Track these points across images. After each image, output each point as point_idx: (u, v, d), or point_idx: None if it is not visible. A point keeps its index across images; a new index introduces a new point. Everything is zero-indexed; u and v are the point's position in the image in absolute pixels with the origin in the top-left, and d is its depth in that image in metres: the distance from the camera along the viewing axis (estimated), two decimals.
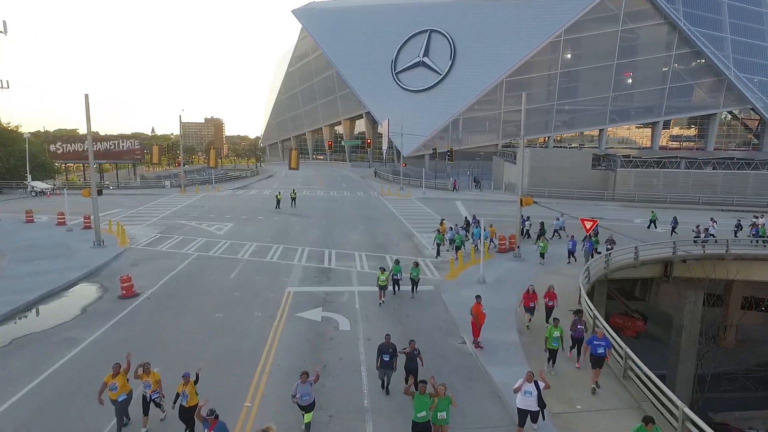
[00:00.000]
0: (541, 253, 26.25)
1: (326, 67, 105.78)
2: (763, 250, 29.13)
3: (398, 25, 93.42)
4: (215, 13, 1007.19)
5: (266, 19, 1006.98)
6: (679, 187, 52.40)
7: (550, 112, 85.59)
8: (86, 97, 28.00)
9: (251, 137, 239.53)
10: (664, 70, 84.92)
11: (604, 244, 27.43)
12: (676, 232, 34.68)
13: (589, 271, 21.28)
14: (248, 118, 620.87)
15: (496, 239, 29.28)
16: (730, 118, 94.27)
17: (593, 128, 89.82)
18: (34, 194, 54.84)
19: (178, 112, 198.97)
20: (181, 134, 64.72)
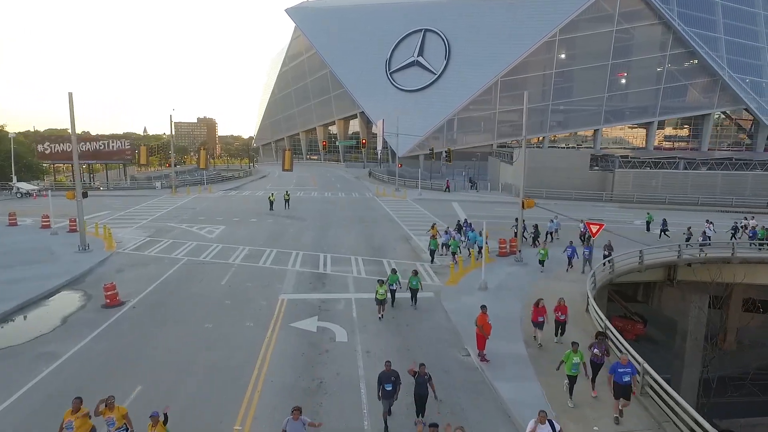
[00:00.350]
0: (540, 260, 24.66)
1: (320, 66, 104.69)
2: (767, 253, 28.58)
3: (393, 24, 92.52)
4: (209, 12, 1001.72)
5: (260, 18, 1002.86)
6: (677, 188, 51.79)
7: (545, 112, 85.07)
8: (70, 95, 26.86)
9: (244, 137, 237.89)
10: (658, 70, 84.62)
11: (601, 249, 25.38)
12: (666, 234, 33.52)
13: (595, 277, 20.52)
14: (241, 118, 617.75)
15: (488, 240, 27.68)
16: (723, 118, 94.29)
17: (588, 128, 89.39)
18: (19, 196, 53.33)
19: (170, 111, 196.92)
20: (172, 134, 63.40)
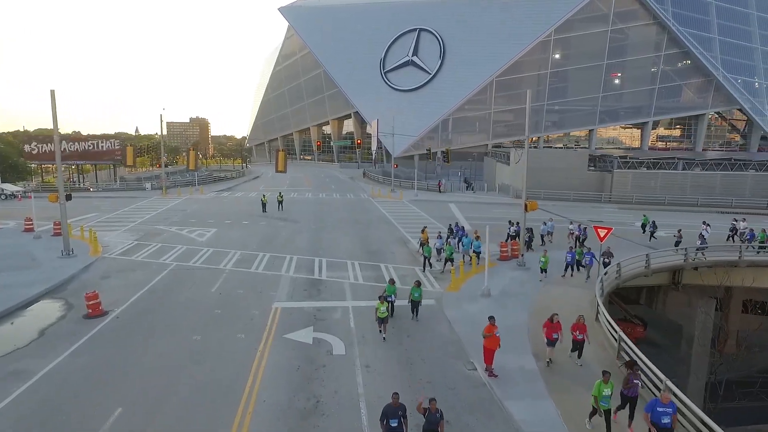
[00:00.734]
0: (542, 268, 23.20)
1: (314, 66, 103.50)
2: None
3: (387, 23, 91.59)
4: (201, 11, 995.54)
5: (253, 17, 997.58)
6: (677, 188, 51.16)
7: (540, 112, 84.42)
8: (52, 93, 25.64)
9: (237, 137, 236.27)
10: (653, 70, 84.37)
11: (600, 257, 23.44)
12: (655, 237, 32.62)
13: (603, 283, 19.67)
14: (234, 117, 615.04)
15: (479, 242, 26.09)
16: (717, 118, 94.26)
17: (583, 128, 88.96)
18: (3, 197, 51.78)
19: (161, 111, 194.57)
20: (162, 133, 61.92)
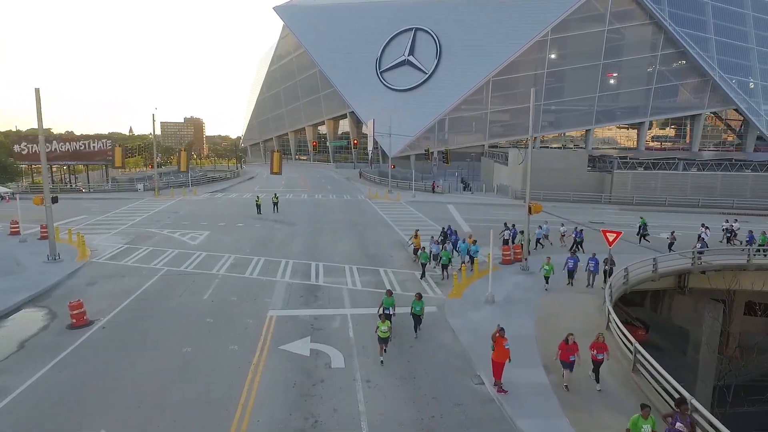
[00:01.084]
0: (545, 276, 21.87)
1: (309, 65, 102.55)
2: None
3: (383, 23, 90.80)
4: (196, 10, 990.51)
5: (248, 16, 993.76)
6: (677, 189, 50.66)
7: (536, 112, 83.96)
8: (37, 91, 24.60)
9: (232, 137, 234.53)
10: (649, 70, 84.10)
11: (601, 263, 22.46)
12: (646, 239, 31.94)
13: (612, 289, 18.95)
14: (229, 117, 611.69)
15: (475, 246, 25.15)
16: (713, 118, 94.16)
17: (580, 128, 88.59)
18: None
19: (155, 111, 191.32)
20: (154, 133, 60.93)
